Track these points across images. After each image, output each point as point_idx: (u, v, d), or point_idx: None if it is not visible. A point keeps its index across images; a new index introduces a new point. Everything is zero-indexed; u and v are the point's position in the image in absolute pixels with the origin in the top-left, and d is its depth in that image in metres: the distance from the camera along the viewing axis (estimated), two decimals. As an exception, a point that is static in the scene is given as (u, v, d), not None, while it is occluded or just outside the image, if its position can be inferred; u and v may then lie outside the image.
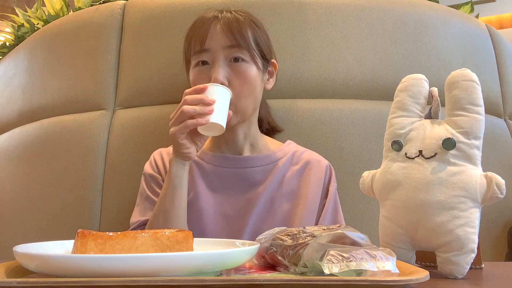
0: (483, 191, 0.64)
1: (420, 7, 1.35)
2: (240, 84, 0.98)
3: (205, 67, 0.99)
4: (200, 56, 0.99)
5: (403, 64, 1.28)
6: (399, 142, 0.69)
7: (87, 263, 0.47)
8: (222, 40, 0.98)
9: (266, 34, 1.06)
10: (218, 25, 0.99)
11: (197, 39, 0.99)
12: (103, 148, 1.27)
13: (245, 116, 1.02)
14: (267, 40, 1.06)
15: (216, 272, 0.54)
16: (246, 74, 0.98)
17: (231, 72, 0.98)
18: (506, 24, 3.85)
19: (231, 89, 0.95)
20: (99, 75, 1.33)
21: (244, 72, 0.98)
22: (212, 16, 1.01)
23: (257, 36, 1.02)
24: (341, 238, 0.55)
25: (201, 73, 0.99)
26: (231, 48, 0.98)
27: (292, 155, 1.07)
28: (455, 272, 0.62)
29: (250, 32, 1.00)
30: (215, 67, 0.97)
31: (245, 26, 1.00)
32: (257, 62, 1.01)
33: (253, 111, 1.05)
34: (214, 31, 0.99)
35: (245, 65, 0.99)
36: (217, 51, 0.98)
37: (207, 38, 0.98)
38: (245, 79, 0.98)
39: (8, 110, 1.57)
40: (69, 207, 1.28)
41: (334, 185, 1.06)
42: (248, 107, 1.01)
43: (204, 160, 1.06)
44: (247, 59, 0.99)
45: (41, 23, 1.82)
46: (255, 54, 1.00)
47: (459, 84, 0.68)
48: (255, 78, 1.00)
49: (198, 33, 1.00)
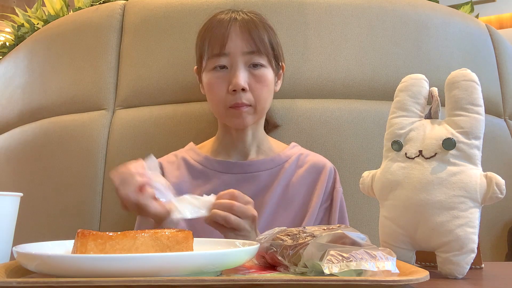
0: (483, 191, 0.64)
1: (420, 7, 1.35)
2: (259, 88, 0.99)
3: (223, 71, 1.00)
4: (218, 60, 0.99)
5: (403, 64, 1.28)
6: (399, 142, 0.69)
7: (87, 263, 0.47)
8: (242, 45, 0.98)
9: (277, 36, 1.07)
10: (237, 27, 0.99)
11: (216, 42, 0.99)
12: (103, 148, 1.27)
13: (261, 117, 1.05)
14: (279, 43, 1.07)
15: (216, 272, 0.54)
16: (264, 78, 1.00)
17: (250, 77, 0.99)
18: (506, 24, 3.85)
19: (252, 93, 0.98)
20: (99, 75, 1.33)
21: (263, 76, 1.00)
22: (229, 18, 1.00)
23: (272, 40, 1.03)
24: (341, 238, 0.55)
25: (220, 78, 0.99)
26: (251, 53, 0.99)
27: (297, 158, 1.07)
28: (455, 272, 0.62)
29: (266, 36, 1.01)
30: (236, 72, 0.98)
31: (262, 30, 1.01)
32: (273, 66, 1.03)
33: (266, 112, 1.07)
34: (234, 34, 0.98)
35: (263, 70, 1.00)
36: (237, 56, 0.98)
37: (227, 42, 0.98)
38: (264, 83, 1.00)
39: (8, 110, 1.57)
40: (69, 207, 1.28)
41: (340, 190, 1.05)
42: (265, 109, 1.04)
43: (207, 167, 1.06)
44: (265, 64, 1.01)
45: (41, 23, 1.82)
46: (272, 59, 1.02)
47: (459, 84, 0.68)
48: (272, 81, 1.03)
49: (217, 36, 0.99)
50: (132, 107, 1.30)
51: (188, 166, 1.07)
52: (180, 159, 1.08)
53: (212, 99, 1.02)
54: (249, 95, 0.99)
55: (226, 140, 1.07)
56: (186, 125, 1.24)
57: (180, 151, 1.12)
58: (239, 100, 0.98)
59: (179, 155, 1.10)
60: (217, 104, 1.01)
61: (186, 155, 1.09)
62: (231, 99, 0.98)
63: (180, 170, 1.06)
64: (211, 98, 1.03)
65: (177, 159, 1.09)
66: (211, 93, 1.02)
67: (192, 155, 1.08)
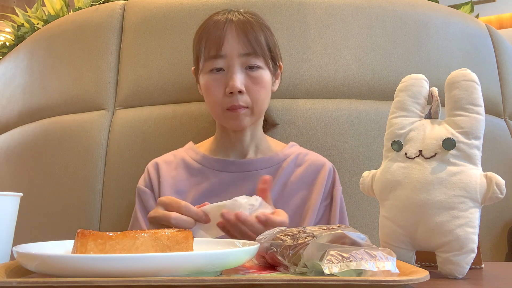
0: (483, 191, 0.64)
1: (420, 7, 1.35)
2: (256, 90, 0.99)
3: (220, 74, 0.99)
4: (215, 62, 0.99)
5: (403, 64, 1.28)
6: (399, 142, 0.69)
7: (87, 263, 0.47)
8: (238, 47, 0.98)
9: (274, 36, 1.06)
10: (233, 29, 0.98)
11: (212, 44, 0.99)
12: (103, 148, 1.27)
13: (259, 118, 1.05)
14: (277, 43, 1.06)
15: (216, 272, 0.54)
16: (261, 80, 1.00)
17: (247, 79, 0.99)
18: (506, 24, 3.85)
19: (249, 95, 0.98)
20: (99, 75, 1.33)
21: (260, 78, 1.00)
22: (225, 19, 1.00)
23: (269, 40, 1.03)
24: (341, 238, 0.55)
25: (216, 80, 0.99)
26: (247, 55, 0.98)
27: (296, 157, 1.07)
28: (455, 272, 0.62)
29: (263, 37, 1.01)
30: (232, 74, 0.97)
31: (259, 31, 1.00)
32: (270, 67, 1.03)
33: (264, 113, 1.07)
34: (230, 36, 0.98)
35: (260, 71, 1.00)
36: (233, 58, 0.98)
37: (223, 44, 0.98)
38: (261, 84, 1.00)
39: (8, 110, 1.57)
40: (69, 207, 1.28)
41: (339, 188, 1.05)
42: (263, 110, 1.04)
43: (205, 165, 1.06)
44: (262, 65, 1.00)
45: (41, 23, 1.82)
46: (269, 60, 1.02)
47: (459, 84, 0.68)
48: (269, 82, 1.03)
49: (213, 38, 0.99)
50: (132, 107, 1.30)
51: (186, 165, 1.07)
52: (179, 159, 1.08)
53: (209, 102, 1.02)
54: (246, 97, 0.99)
55: (225, 141, 1.07)
56: (186, 125, 1.24)
57: (179, 150, 1.12)
58: (236, 102, 0.98)
59: (178, 154, 1.10)
60: (214, 106, 1.01)
61: (184, 154, 1.09)
62: (228, 101, 0.98)
63: (177, 169, 1.06)
64: (209, 101, 1.03)
65: (175, 158, 1.09)
66: (208, 96, 1.02)
67: (190, 154, 1.09)
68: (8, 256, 0.69)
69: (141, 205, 1.04)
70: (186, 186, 1.04)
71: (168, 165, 1.07)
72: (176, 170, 1.06)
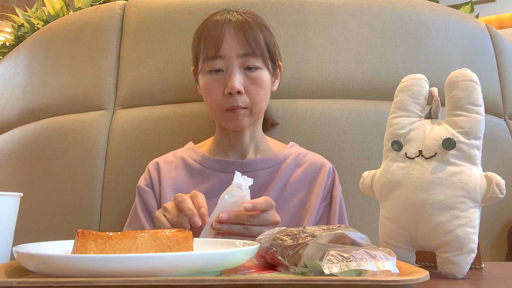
0: (483, 191, 0.64)
1: (420, 7, 1.35)
2: (255, 91, 0.99)
3: (219, 74, 0.99)
4: (214, 63, 0.99)
5: (403, 64, 1.28)
6: (399, 142, 0.69)
7: (87, 263, 0.47)
8: (236, 47, 0.98)
9: (273, 35, 1.06)
10: (231, 30, 0.98)
11: (211, 44, 0.98)
12: (103, 148, 1.27)
13: (258, 118, 1.05)
14: (276, 43, 1.06)
15: (216, 272, 0.54)
16: (260, 80, 1.00)
17: (246, 79, 0.99)
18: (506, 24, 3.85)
19: (248, 95, 0.98)
20: (99, 75, 1.33)
21: (259, 78, 1.00)
22: (223, 20, 1.00)
23: (268, 40, 1.02)
24: (341, 238, 0.55)
25: (215, 81, 0.99)
26: (246, 56, 0.98)
27: (295, 157, 1.07)
28: (455, 272, 0.62)
29: (262, 37, 1.01)
30: (231, 75, 0.97)
31: (257, 31, 1.00)
32: (269, 67, 1.02)
33: (263, 113, 1.07)
34: (229, 37, 0.98)
35: (259, 72, 1.00)
36: (232, 59, 0.98)
37: (222, 44, 0.97)
38: (260, 85, 1.00)
39: (8, 110, 1.57)
40: (69, 207, 1.28)
41: (339, 188, 1.05)
42: (262, 111, 1.04)
43: (205, 166, 1.06)
44: (261, 66, 1.00)
45: (41, 23, 1.82)
46: (268, 60, 1.01)
47: (459, 84, 0.68)
48: (268, 83, 1.03)
49: (212, 38, 0.98)
50: (132, 107, 1.31)
51: (186, 165, 1.07)
52: (179, 158, 1.08)
53: (209, 102, 1.03)
54: (245, 98, 0.99)
55: (224, 141, 1.07)
56: (186, 125, 1.24)
57: (179, 150, 1.12)
58: (235, 103, 0.98)
59: (178, 154, 1.10)
60: (213, 107, 1.01)
61: (184, 154, 1.09)
62: (227, 102, 0.98)
63: (178, 169, 1.06)
64: (208, 101, 1.03)
65: (175, 158, 1.09)
66: (208, 96, 1.02)
67: (190, 154, 1.09)
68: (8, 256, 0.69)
69: (141, 202, 1.04)
70: (186, 186, 1.04)
71: (169, 165, 1.07)
72: (177, 170, 1.06)
